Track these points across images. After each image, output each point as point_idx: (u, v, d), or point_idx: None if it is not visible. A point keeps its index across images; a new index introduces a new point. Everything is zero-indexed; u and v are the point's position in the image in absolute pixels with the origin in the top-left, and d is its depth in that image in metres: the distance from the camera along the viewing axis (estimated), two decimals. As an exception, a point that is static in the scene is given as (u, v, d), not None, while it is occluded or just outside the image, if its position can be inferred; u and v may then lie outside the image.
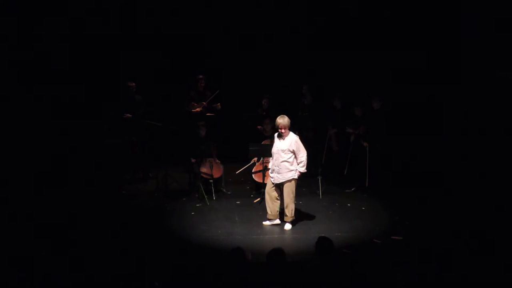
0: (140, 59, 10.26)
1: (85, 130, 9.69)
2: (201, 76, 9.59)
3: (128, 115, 9.28)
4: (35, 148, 9.01)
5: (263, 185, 8.55)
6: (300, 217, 7.90)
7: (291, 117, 9.79)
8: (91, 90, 9.83)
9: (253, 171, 8.81)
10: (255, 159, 8.81)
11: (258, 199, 8.50)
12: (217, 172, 8.74)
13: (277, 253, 4.98)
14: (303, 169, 7.37)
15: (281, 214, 7.58)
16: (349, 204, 8.43)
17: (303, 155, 7.36)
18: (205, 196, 8.42)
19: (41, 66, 9.38)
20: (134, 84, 9.39)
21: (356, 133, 9.10)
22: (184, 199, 8.67)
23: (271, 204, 7.53)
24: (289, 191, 7.37)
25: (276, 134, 7.51)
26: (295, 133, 9.77)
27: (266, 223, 7.62)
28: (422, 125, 9.36)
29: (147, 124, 9.08)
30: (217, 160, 8.82)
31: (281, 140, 7.40)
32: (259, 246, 6.78)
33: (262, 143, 8.90)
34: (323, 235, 5.43)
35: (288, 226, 7.50)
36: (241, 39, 10.63)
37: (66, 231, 7.03)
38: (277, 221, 7.58)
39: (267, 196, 7.55)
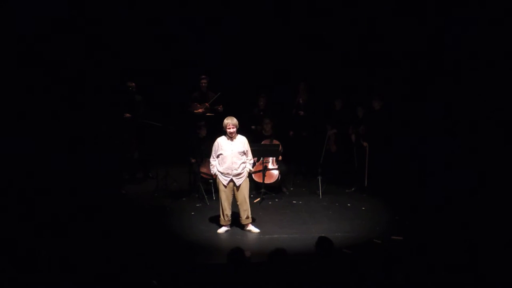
0: (140, 58, 10.29)
1: (85, 130, 9.70)
2: (203, 76, 9.57)
3: (128, 115, 9.28)
4: (35, 148, 9.00)
5: (263, 185, 8.58)
6: (300, 217, 7.91)
7: (287, 116, 9.76)
8: (91, 90, 9.83)
9: (252, 171, 8.80)
10: (255, 159, 8.80)
11: (258, 199, 8.51)
12: (217, 172, 8.73)
13: (279, 253, 4.98)
14: (251, 167, 7.40)
15: (236, 217, 7.40)
16: (349, 204, 8.43)
17: (251, 155, 7.38)
18: (205, 196, 8.43)
19: (40, 66, 9.38)
20: (134, 84, 9.39)
21: (354, 132, 9.10)
22: (184, 199, 8.67)
23: (229, 210, 7.31)
24: (247, 192, 7.31)
25: (223, 137, 7.24)
26: (289, 133, 9.83)
27: (223, 230, 7.35)
28: (422, 125, 9.35)
29: (147, 124, 9.08)
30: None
31: (233, 142, 7.20)
32: (259, 246, 6.79)
33: (262, 143, 8.92)
34: (323, 235, 5.44)
35: (256, 228, 7.36)
36: (240, 38, 10.63)
37: (66, 231, 7.03)
38: (229, 228, 7.42)
39: (225, 203, 7.27)
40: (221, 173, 7.23)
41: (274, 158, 8.90)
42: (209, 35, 10.61)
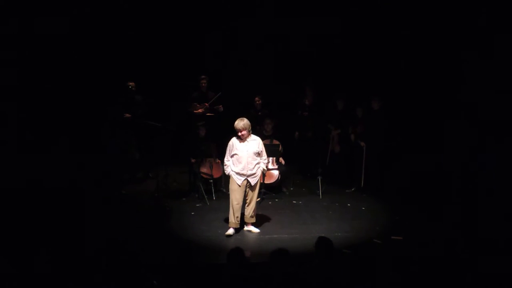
0: (140, 59, 10.28)
1: (85, 130, 9.70)
2: (203, 76, 9.56)
3: (128, 115, 9.27)
4: (36, 148, 9.00)
5: (263, 185, 8.57)
6: (300, 217, 7.91)
7: (289, 116, 9.72)
8: (91, 91, 9.83)
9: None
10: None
11: (258, 199, 8.50)
12: (217, 172, 8.75)
13: (281, 253, 4.98)
14: (265, 166, 7.36)
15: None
16: (349, 204, 8.44)
17: (265, 155, 7.35)
18: (205, 196, 8.43)
19: (41, 66, 9.37)
20: (134, 84, 9.38)
21: (352, 132, 9.10)
22: (184, 199, 8.67)
23: (239, 212, 7.22)
24: (257, 191, 7.33)
25: (235, 139, 7.15)
26: (294, 133, 9.82)
27: (231, 232, 7.20)
28: (421, 125, 9.34)
29: (147, 124, 9.07)
30: (217, 160, 8.82)
31: (247, 143, 7.12)
32: (259, 246, 6.80)
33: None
34: (323, 235, 5.44)
35: (256, 229, 7.33)
36: (240, 39, 10.62)
37: (66, 231, 7.03)
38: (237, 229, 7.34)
39: (237, 205, 7.14)
40: (236, 173, 7.17)
41: (274, 158, 8.90)
42: (209, 35, 10.61)
